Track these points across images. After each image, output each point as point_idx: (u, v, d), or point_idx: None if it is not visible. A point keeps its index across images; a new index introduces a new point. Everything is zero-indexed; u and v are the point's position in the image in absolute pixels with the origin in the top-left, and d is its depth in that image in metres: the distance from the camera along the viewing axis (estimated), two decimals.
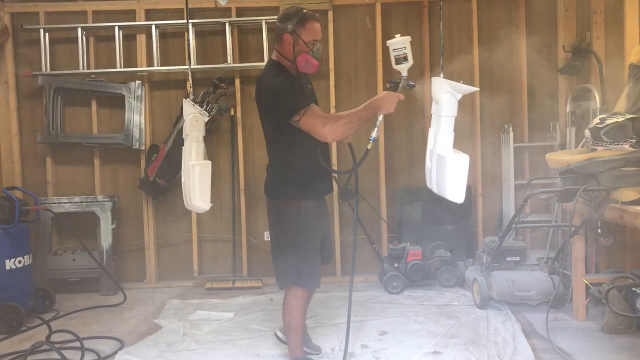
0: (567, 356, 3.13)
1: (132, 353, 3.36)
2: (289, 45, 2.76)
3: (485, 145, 4.97)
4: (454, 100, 2.72)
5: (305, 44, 2.75)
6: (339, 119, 2.73)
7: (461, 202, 2.72)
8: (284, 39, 2.78)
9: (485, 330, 3.59)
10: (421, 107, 5.00)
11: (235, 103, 4.98)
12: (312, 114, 2.70)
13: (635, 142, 3.19)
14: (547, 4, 4.90)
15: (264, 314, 4.05)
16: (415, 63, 4.91)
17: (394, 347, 3.34)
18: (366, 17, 4.96)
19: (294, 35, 2.74)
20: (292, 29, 2.74)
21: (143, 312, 4.25)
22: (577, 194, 3.20)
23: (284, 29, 2.76)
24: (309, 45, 2.76)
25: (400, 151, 5.06)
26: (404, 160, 5.05)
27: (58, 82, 4.83)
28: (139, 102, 4.91)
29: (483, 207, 4.97)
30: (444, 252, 4.65)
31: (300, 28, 2.75)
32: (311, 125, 2.68)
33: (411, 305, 4.15)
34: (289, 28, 2.75)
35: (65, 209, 4.78)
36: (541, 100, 4.92)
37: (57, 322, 4.01)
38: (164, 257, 5.11)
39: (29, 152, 5.02)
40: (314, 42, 2.77)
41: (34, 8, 4.92)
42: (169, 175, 4.78)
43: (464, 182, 2.68)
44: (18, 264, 3.97)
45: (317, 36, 2.80)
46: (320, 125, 2.69)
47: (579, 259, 3.73)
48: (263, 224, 5.11)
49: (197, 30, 4.94)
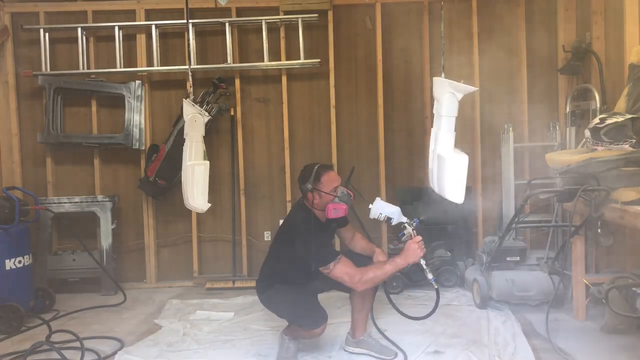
0: (567, 356, 3.13)
1: (132, 353, 3.36)
2: (316, 201, 3.00)
3: (485, 145, 4.97)
4: (455, 100, 2.72)
5: (328, 193, 2.98)
6: (366, 273, 2.87)
7: (461, 202, 2.72)
8: (308, 197, 3.02)
9: (485, 330, 3.59)
10: (422, 106, 5.00)
11: (235, 103, 4.98)
12: (344, 266, 2.87)
13: (635, 142, 3.18)
14: (547, 4, 4.90)
15: (264, 314, 4.04)
16: (416, 63, 5.01)
17: None
18: (366, 17, 4.96)
19: (316, 192, 2.98)
20: (312, 187, 2.98)
21: (143, 312, 4.25)
22: (577, 194, 3.20)
23: (306, 189, 2.99)
24: (331, 194, 2.98)
25: (401, 151, 5.06)
26: (404, 160, 5.05)
27: (58, 82, 4.83)
28: (139, 102, 4.91)
29: (483, 207, 4.97)
30: (444, 252, 4.65)
31: (318, 184, 2.98)
32: (343, 275, 2.86)
33: (411, 305, 4.15)
34: (309, 188, 2.98)
35: (65, 209, 4.78)
36: (541, 100, 4.92)
37: (57, 322, 4.01)
38: (164, 257, 5.11)
39: (29, 152, 5.02)
40: (335, 188, 3.00)
41: (34, 8, 4.92)
42: (169, 175, 4.78)
43: (463, 182, 2.69)
44: (18, 264, 3.97)
45: (336, 183, 3.02)
46: (350, 277, 2.86)
47: (579, 259, 3.72)
48: (263, 224, 5.12)
49: (197, 30, 4.94)
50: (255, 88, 5.05)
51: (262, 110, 5.07)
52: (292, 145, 5.00)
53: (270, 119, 5.06)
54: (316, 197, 2.99)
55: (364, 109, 5.04)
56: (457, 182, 2.67)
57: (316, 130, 5.05)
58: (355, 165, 4.75)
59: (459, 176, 2.67)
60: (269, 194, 5.09)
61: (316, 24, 4.92)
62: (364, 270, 2.89)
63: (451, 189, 2.69)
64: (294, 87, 5.04)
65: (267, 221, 5.10)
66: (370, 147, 5.03)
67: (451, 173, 2.67)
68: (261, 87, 5.05)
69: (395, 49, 4.97)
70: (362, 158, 5.03)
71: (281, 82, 4.98)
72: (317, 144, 5.04)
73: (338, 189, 3.01)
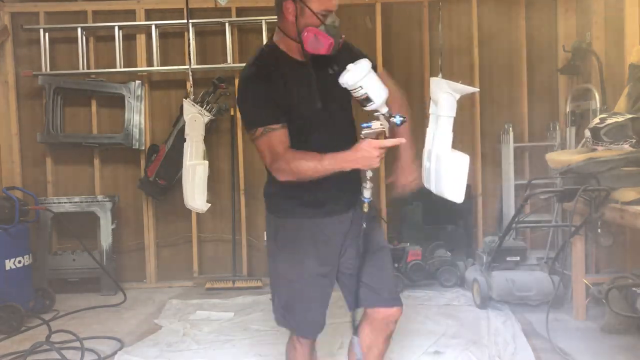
0: (567, 356, 3.13)
1: (132, 353, 3.36)
2: (291, 17, 2.02)
3: (485, 145, 4.97)
4: (453, 100, 2.71)
5: (315, 14, 2.00)
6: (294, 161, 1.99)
7: (461, 201, 2.71)
8: (284, 9, 2.03)
9: (485, 330, 3.59)
10: (422, 106, 4.99)
11: (235, 103, 4.97)
12: (269, 141, 2.03)
13: (635, 142, 3.18)
14: (547, 4, 4.90)
15: (264, 314, 4.04)
16: (416, 63, 5.00)
17: (395, 347, 3.33)
18: (366, 17, 4.95)
19: (298, 3, 2.00)
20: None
21: (143, 312, 4.25)
22: (577, 194, 3.20)
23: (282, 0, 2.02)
24: (319, 17, 2.01)
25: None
26: None
27: (58, 82, 4.83)
28: (139, 102, 4.90)
29: (483, 207, 4.97)
30: (444, 252, 4.64)
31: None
32: (264, 150, 2.05)
33: (411, 305, 4.14)
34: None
35: (65, 209, 4.78)
36: (541, 100, 4.92)
37: (57, 322, 4.00)
38: (164, 257, 5.10)
39: (29, 152, 5.02)
40: (326, 12, 2.03)
41: (34, 8, 4.92)
42: (169, 175, 4.78)
43: (464, 181, 2.68)
44: (18, 264, 3.97)
45: (331, 6, 2.05)
46: (270, 159, 2.05)
47: (579, 259, 3.72)
48: (263, 224, 5.02)
49: (197, 30, 4.93)
50: None
51: None
52: None
53: None
54: (294, 12, 2.00)
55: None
56: (457, 181, 2.67)
57: None
58: None
59: (460, 176, 2.67)
60: None
61: None
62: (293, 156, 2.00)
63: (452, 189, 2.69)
64: None
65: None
66: None
67: (452, 172, 2.67)
68: None
69: (395, 49, 4.97)
70: None
71: None
72: None
73: (329, 16, 2.04)
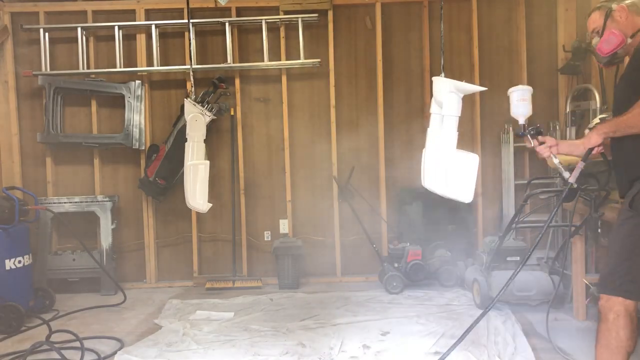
0: (567, 356, 3.13)
1: (132, 353, 3.36)
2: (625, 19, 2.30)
3: (485, 145, 4.97)
4: (458, 99, 2.71)
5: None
6: None
7: (469, 201, 2.71)
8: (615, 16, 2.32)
9: (485, 330, 3.58)
10: (422, 106, 5.00)
11: (235, 103, 4.98)
12: None
13: None
14: (547, 4, 4.91)
15: (264, 314, 4.05)
16: (416, 63, 5.01)
17: (396, 347, 3.34)
18: (366, 17, 4.96)
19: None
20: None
21: (143, 312, 4.25)
22: (577, 194, 3.20)
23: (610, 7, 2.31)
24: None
25: (401, 151, 5.05)
26: (404, 160, 5.05)
27: (58, 82, 4.83)
28: (139, 102, 4.90)
29: (483, 207, 4.97)
30: (444, 252, 4.65)
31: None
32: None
33: (411, 305, 4.15)
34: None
35: (65, 209, 4.78)
36: (541, 100, 4.92)
37: (57, 322, 4.01)
38: (164, 257, 5.11)
39: (29, 152, 5.02)
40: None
41: (34, 8, 4.92)
42: (169, 175, 4.78)
43: (473, 181, 2.68)
44: (18, 264, 3.97)
45: None
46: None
47: (579, 259, 3.72)
48: (263, 224, 5.11)
49: (197, 30, 4.94)
50: (255, 88, 5.05)
51: (262, 110, 5.07)
52: (292, 145, 5.00)
53: (270, 118, 5.06)
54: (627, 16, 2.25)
55: (364, 109, 5.04)
56: (467, 182, 2.67)
57: (316, 130, 5.04)
58: (355, 165, 4.76)
59: (469, 175, 2.66)
60: (269, 193, 5.08)
61: (316, 23, 4.92)
62: None
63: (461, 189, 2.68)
64: (294, 87, 5.03)
65: (267, 221, 5.09)
66: (370, 147, 5.03)
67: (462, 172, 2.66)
68: (261, 87, 5.05)
69: (395, 48, 4.97)
70: (362, 158, 5.03)
71: (281, 82, 4.98)
72: (317, 144, 5.03)
73: None
